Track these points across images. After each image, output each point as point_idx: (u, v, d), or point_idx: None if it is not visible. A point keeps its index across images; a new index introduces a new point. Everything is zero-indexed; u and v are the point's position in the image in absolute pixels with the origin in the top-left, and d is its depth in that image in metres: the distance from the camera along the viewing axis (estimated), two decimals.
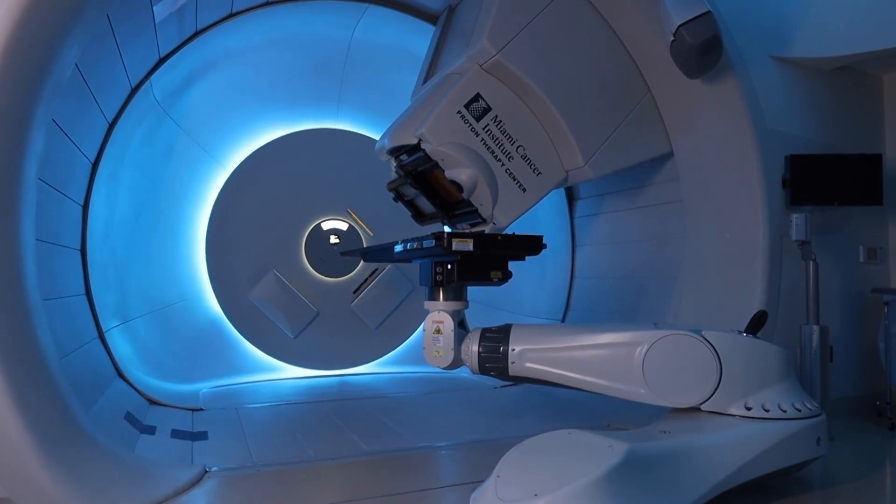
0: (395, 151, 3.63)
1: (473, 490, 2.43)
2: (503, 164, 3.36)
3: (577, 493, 2.04)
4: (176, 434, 3.60)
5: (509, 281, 3.22)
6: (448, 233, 2.87)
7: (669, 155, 3.94)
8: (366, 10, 4.80)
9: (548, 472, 2.16)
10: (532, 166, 3.45)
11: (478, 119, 3.33)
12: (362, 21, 4.92)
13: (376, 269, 5.64)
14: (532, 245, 3.17)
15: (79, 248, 3.92)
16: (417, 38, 5.00)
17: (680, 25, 3.21)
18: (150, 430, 3.56)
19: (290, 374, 5.51)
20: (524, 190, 3.42)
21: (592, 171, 3.56)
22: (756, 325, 2.89)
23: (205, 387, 4.98)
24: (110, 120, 4.03)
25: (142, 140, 4.65)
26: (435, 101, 3.41)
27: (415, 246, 3.02)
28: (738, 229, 3.67)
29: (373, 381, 5.41)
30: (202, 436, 3.65)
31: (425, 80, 4.00)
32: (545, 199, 4.89)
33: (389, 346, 5.76)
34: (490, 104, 3.37)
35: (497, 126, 3.37)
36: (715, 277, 3.77)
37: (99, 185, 4.05)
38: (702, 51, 3.27)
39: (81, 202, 3.93)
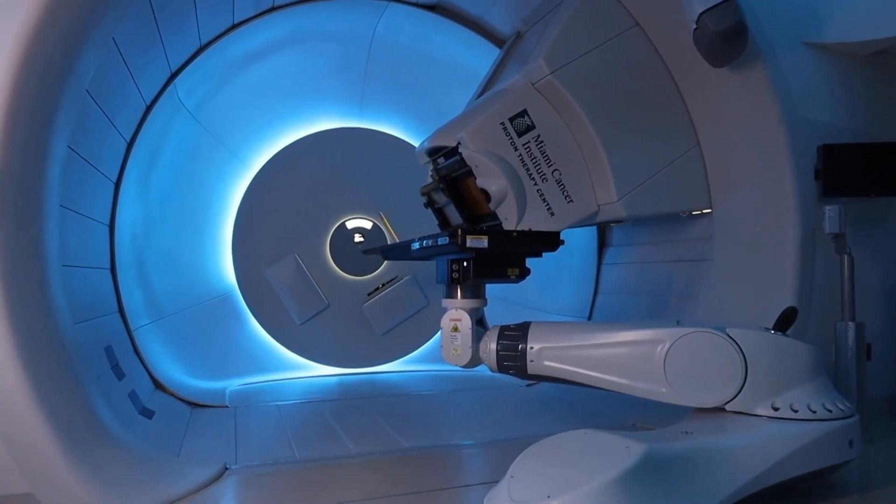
0: (434, 153, 3.65)
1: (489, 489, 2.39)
2: (536, 184, 3.33)
3: (590, 494, 1.98)
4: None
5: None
6: (462, 229, 2.84)
7: (707, 213, 3.88)
8: (386, 7, 4.81)
9: (562, 473, 2.11)
10: (565, 192, 3.40)
11: (520, 135, 3.32)
12: (382, 20, 4.92)
13: (396, 277, 5.66)
14: (549, 241, 3.12)
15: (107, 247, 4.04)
16: (442, 36, 5.00)
17: (702, 12, 3.11)
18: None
19: (310, 373, 5.52)
20: (552, 214, 3.36)
21: (625, 209, 3.50)
22: (785, 322, 2.78)
23: (231, 384, 5.05)
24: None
25: (169, 143, 4.75)
26: (482, 110, 3.45)
27: (430, 243, 3.00)
28: (768, 222, 3.55)
29: (397, 379, 5.41)
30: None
31: (479, 95, 4.04)
32: (580, 238, 4.94)
33: (391, 356, 5.71)
34: (534, 122, 3.35)
35: (537, 145, 3.35)
36: (745, 272, 3.64)
37: (127, 187, 4.16)
38: (726, 38, 3.16)
39: (109, 206, 4.04)
